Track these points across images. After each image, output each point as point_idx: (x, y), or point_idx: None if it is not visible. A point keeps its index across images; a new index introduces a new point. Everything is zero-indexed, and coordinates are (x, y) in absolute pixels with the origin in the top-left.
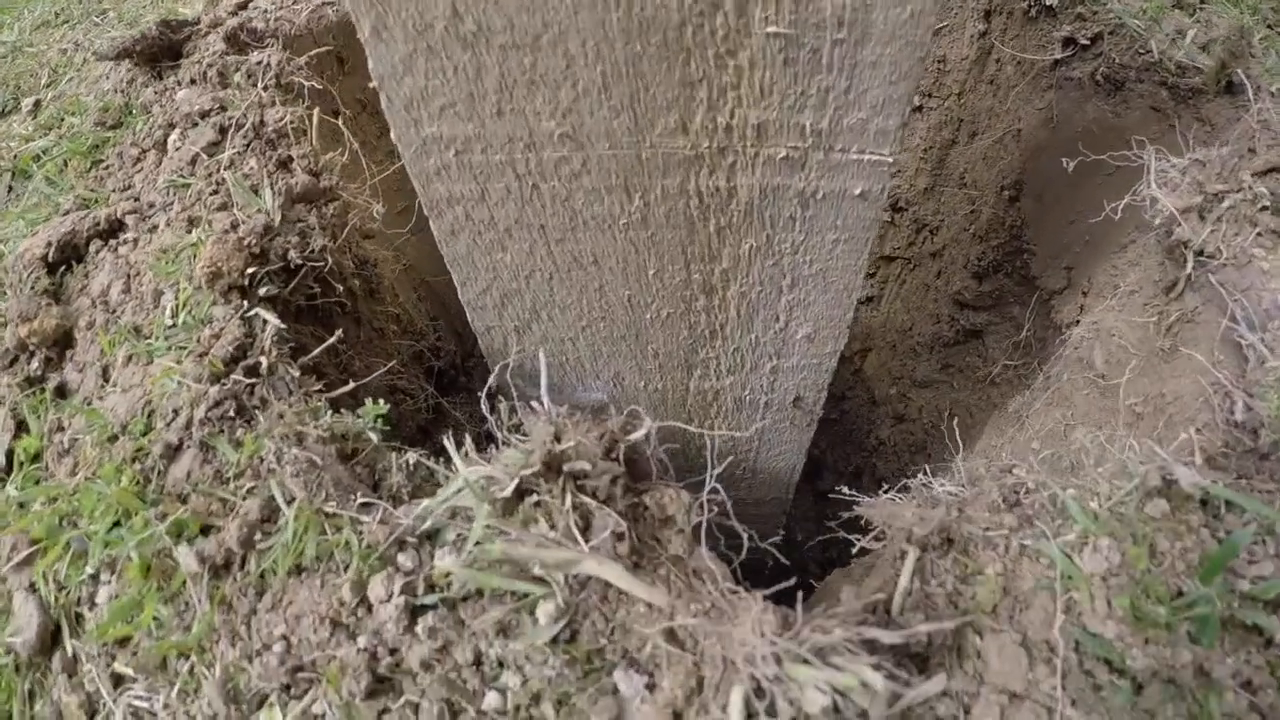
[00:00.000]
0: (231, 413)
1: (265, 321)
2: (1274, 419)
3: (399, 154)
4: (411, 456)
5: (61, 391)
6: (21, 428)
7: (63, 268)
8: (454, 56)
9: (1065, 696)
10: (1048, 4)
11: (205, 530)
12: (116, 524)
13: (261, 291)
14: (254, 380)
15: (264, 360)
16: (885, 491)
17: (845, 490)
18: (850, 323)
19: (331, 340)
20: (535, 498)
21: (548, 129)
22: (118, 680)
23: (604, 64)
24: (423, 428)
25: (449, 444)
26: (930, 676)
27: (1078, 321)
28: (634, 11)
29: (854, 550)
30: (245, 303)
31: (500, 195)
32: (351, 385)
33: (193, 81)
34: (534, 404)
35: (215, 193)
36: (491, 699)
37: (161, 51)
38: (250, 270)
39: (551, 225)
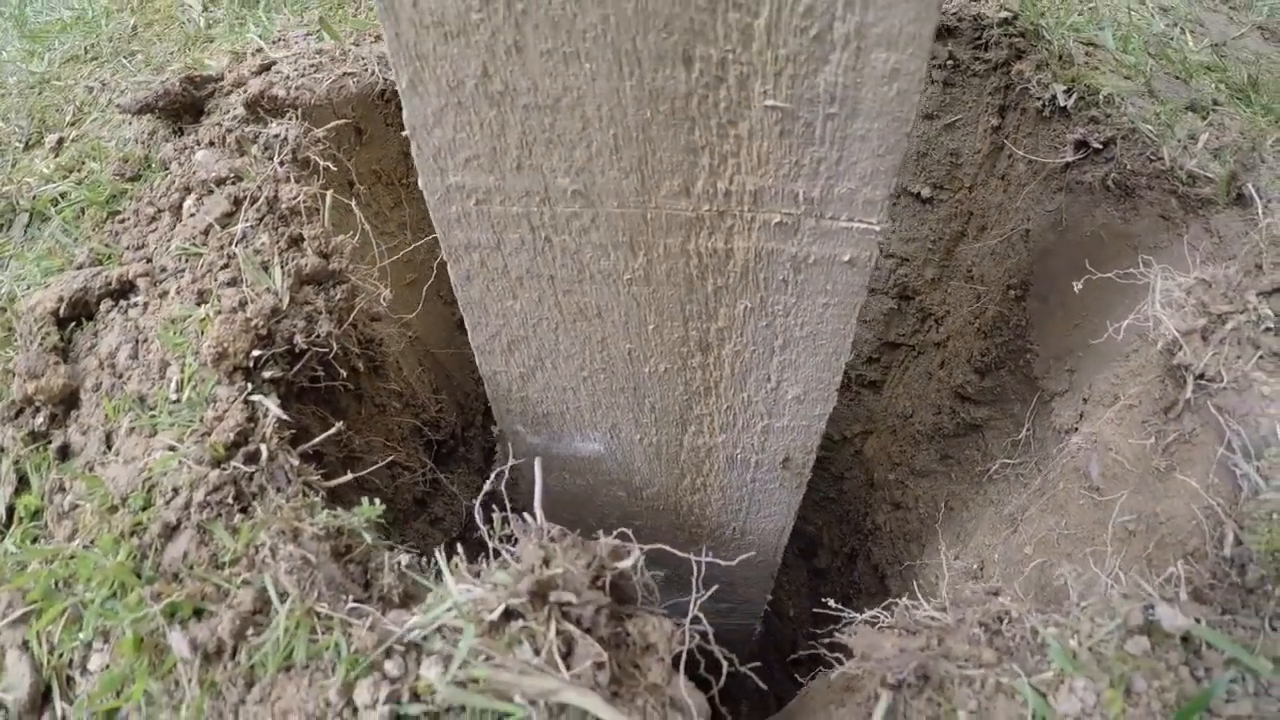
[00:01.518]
0: (230, 499)
1: (266, 409)
2: (1262, 555)
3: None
4: (404, 558)
5: (64, 452)
6: (23, 483)
7: (73, 324)
8: (481, 112)
9: None
10: (1061, 105)
11: (198, 614)
12: (112, 595)
13: (266, 374)
14: (253, 468)
15: (264, 448)
16: (883, 579)
17: (831, 604)
18: (838, 386)
19: (333, 431)
20: (521, 623)
21: (562, 185)
22: None
23: (616, 128)
24: (419, 499)
25: (440, 558)
26: None
27: (1076, 428)
28: (645, 81)
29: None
30: (249, 384)
31: (514, 245)
32: (349, 476)
33: (211, 143)
34: (526, 516)
35: (226, 266)
36: None
37: (184, 108)
38: (256, 353)
39: (560, 276)
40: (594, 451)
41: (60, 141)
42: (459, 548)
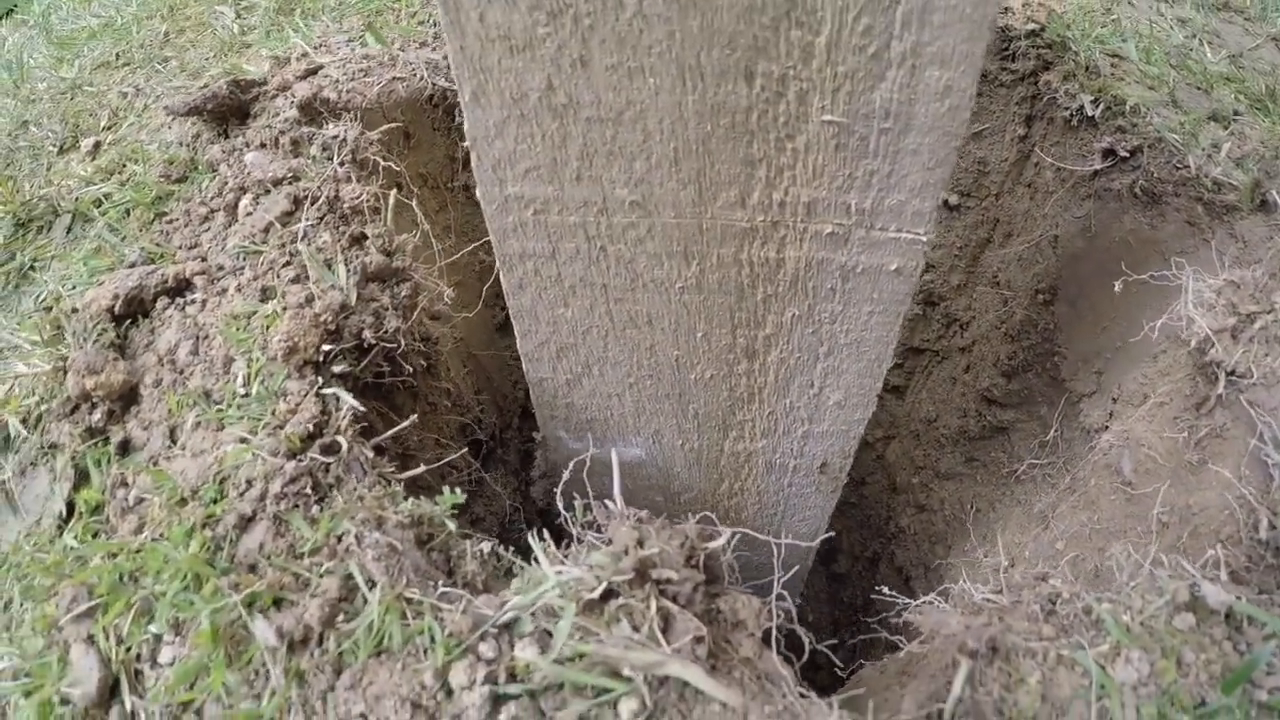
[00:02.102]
0: (307, 489)
1: (341, 402)
2: None
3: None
4: (486, 545)
5: (125, 448)
6: (82, 478)
7: (128, 321)
8: (544, 125)
9: None
10: (1089, 115)
11: (278, 603)
12: (185, 588)
13: (335, 369)
14: (330, 459)
15: (341, 440)
16: (908, 581)
17: (885, 590)
18: (878, 391)
19: (406, 424)
20: (620, 600)
21: (621, 196)
22: None
23: (677, 140)
24: (474, 537)
25: (533, 541)
26: None
27: (1106, 427)
28: (708, 96)
29: (895, 649)
30: (319, 378)
31: (569, 254)
32: (423, 469)
33: (262, 145)
34: (607, 503)
35: (288, 264)
36: None
37: (230, 111)
38: (326, 347)
39: (613, 285)
40: (635, 457)
41: (97, 145)
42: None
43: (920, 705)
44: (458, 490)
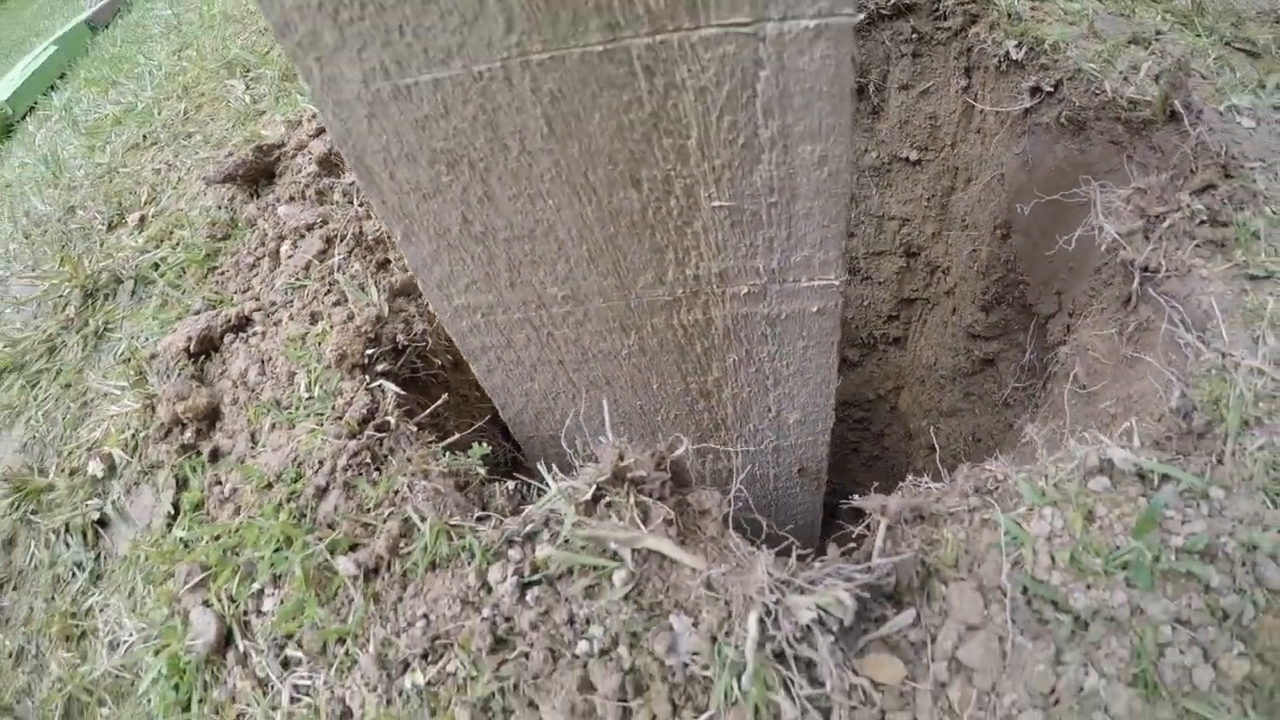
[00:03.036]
0: (368, 460)
1: (386, 391)
2: (1205, 403)
3: None
4: (510, 484)
5: (215, 456)
6: (181, 485)
7: (202, 357)
8: (470, 250)
9: (1015, 628)
10: (1015, 59)
11: (354, 547)
12: (278, 549)
13: (379, 368)
14: (383, 434)
15: (390, 419)
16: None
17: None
18: (834, 405)
19: (439, 404)
20: (607, 500)
21: (553, 293)
22: (285, 665)
23: (588, 243)
24: (501, 480)
25: (542, 468)
26: (903, 611)
27: (1064, 341)
28: (604, 204)
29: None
30: (366, 377)
31: (523, 342)
32: (456, 436)
33: (291, 199)
34: (600, 439)
35: (328, 292)
36: (582, 645)
37: (258, 173)
38: (369, 351)
39: (568, 359)
40: None
41: (142, 219)
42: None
43: (841, 552)
44: (484, 443)
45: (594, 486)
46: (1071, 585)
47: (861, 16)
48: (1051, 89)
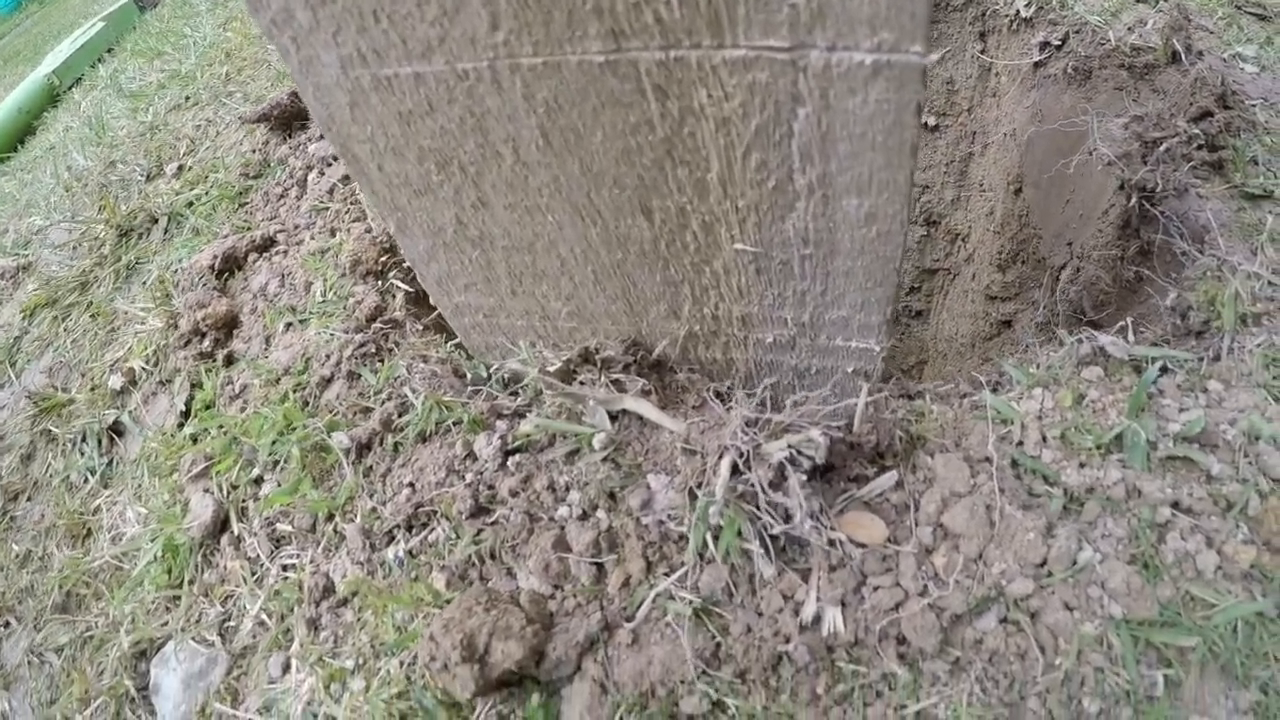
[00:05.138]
0: (372, 351)
1: (396, 292)
2: (1201, 302)
3: None
4: (506, 373)
5: (230, 359)
6: (196, 388)
7: (226, 274)
8: (467, 252)
9: (1004, 498)
10: (1025, 16)
11: (349, 426)
12: (280, 435)
13: (390, 275)
14: (389, 328)
15: (398, 315)
16: None
17: None
18: None
19: None
20: (581, 378)
21: (557, 308)
22: (276, 544)
23: (593, 265)
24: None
25: (523, 344)
26: (885, 473)
27: (1073, 281)
28: (610, 229)
29: None
30: (380, 282)
31: (529, 350)
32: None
33: (322, 136)
34: None
35: (349, 212)
36: (561, 511)
37: (291, 116)
38: (383, 259)
39: None
40: None
41: (180, 169)
42: None
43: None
44: None
45: (566, 359)
46: (1063, 462)
47: (935, 58)
48: (1059, 43)
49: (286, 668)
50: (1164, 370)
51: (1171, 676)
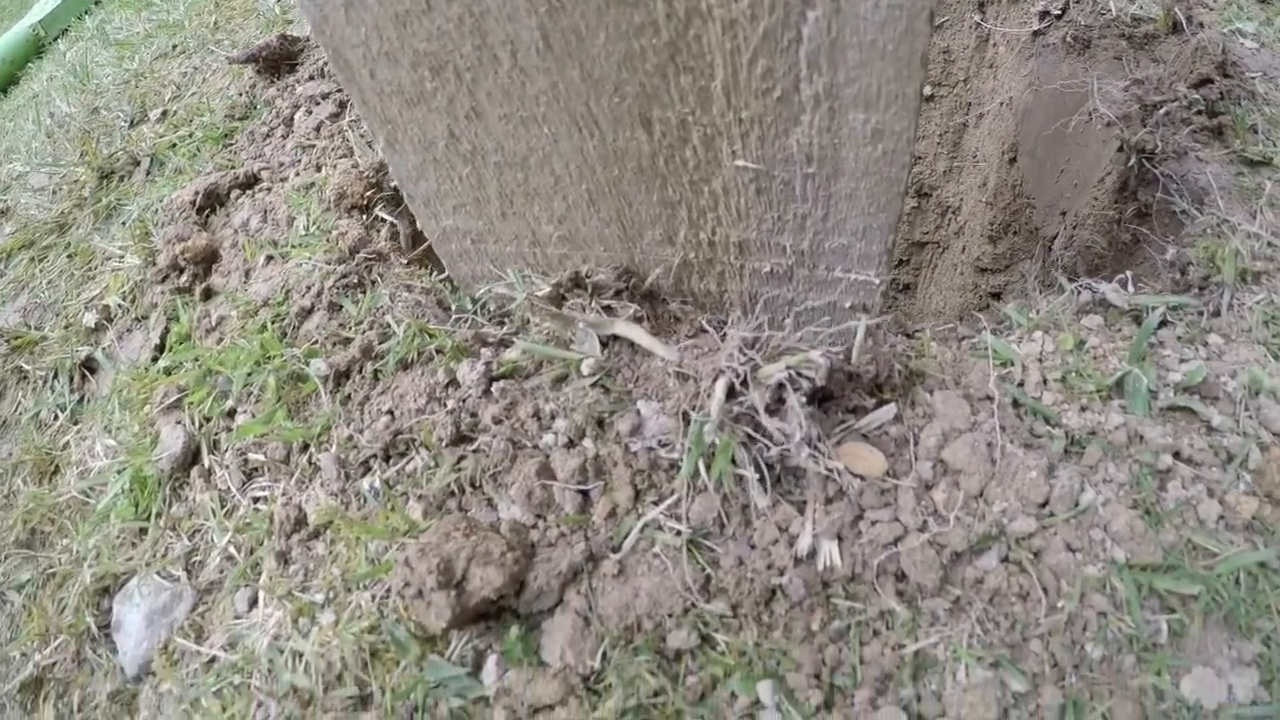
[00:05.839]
0: (355, 282)
1: (383, 224)
2: (1201, 258)
3: None
4: (492, 306)
5: (208, 293)
6: (172, 321)
7: (207, 210)
8: (458, 169)
9: (1005, 435)
10: None
11: (329, 355)
12: (256, 366)
13: (376, 209)
14: (373, 261)
15: (383, 247)
16: None
17: None
18: None
19: (429, 243)
20: (570, 303)
21: (548, 231)
22: (248, 476)
23: (588, 183)
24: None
25: (511, 270)
26: (883, 406)
27: (1066, 248)
28: (608, 142)
29: None
30: (365, 216)
31: (517, 276)
32: (446, 274)
33: (311, 78)
34: None
35: (335, 149)
36: (547, 438)
37: (281, 59)
38: (368, 193)
39: None
40: None
41: (164, 114)
42: None
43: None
44: None
45: (554, 283)
46: (1064, 405)
47: None
48: (1060, 12)
49: (254, 602)
50: (1164, 323)
51: (1175, 625)
